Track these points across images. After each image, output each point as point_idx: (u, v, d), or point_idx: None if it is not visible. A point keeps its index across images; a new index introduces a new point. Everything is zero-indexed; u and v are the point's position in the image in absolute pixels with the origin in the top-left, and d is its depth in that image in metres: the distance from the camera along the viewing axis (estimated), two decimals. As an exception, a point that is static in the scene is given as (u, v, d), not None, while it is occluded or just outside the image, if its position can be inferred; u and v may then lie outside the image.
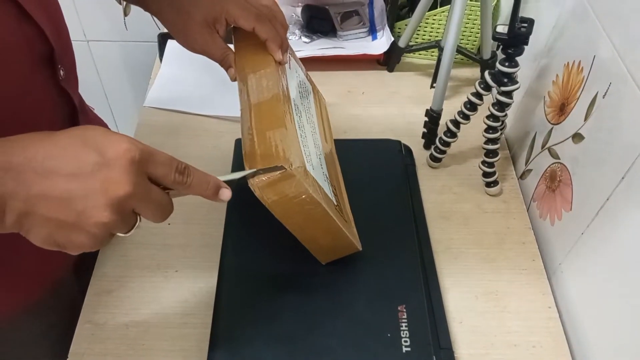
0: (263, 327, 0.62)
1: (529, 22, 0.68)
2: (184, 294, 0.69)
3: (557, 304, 0.70)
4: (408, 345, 0.61)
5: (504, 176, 0.84)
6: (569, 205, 0.69)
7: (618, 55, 0.59)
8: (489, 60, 0.93)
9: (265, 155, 0.54)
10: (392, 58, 1.00)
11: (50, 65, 0.53)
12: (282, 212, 0.55)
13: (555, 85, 0.75)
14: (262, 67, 0.62)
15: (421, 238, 0.73)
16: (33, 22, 0.49)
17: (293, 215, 0.56)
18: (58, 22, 0.55)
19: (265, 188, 0.53)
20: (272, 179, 0.52)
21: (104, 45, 1.20)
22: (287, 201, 0.54)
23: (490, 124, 0.76)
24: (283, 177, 0.53)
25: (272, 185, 0.53)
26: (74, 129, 0.40)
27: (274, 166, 0.52)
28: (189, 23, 0.60)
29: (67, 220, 0.37)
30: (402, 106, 0.95)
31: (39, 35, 0.50)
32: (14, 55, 0.48)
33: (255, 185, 0.52)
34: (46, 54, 0.52)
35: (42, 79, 0.53)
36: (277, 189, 0.53)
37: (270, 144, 0.55)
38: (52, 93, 0.55)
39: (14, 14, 0.47)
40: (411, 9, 1.01)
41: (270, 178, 0.52)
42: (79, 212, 0.37)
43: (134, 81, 1.29)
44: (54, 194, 0.37)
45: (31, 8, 0.48)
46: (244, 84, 0.62)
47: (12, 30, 0.47)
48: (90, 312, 0.67)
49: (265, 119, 0.57)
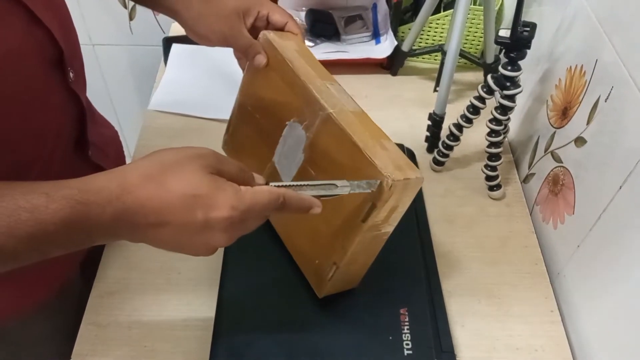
0: (265, 329, 0.63)
1: (532, 26, 0.68)
2: (186, 296, 0.69)
3: (559, 307, 0.70)
4: (410, 348, 0.61)
5: (507, 180, 0.84)
6: (571, 209, 0.69)
7: (620, 60, 0.59)
8: (492, 64, 0.93)
9: (398, 167, 0.51)
10: (396, 62, 1.00)
11: (60, 67, 0.54)
12: (385, 217, 0.53)
13: (558, 89, 0.75)
14: (329, 79, 0.60)
15: (424, 241, 0.73)
16: (43, 26, 0.49)
17: (375, 230, 0.54)
18: (67, 25, 0.56)
19: (399, 189, 0.50)
20: (408, 182, 0.51)
21: (110, 49, 1.21)
22: (393, 212, 0.53)
23: (493, 127, 0.76)
24: (417, 182, 0.52)
25: (403, 188, 0.51)
26: (184, 167, 0.43)
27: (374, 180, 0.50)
28: (218, 11, 0.61)
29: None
30: (405, 110, 0.95)
31: (49, 38, 0.51)
32: (25, 59, 0.48)
33: (392, 184, 0.49)
34: (56, 57, 0.53)
35: (52, 81, 0.54)
36: (400, 194, 0.51)
37: (391, 154, 0.53)
38: (62, 95, 0.56)
39: (24, 18, 0.47)
40: (414, 13, 1.01)
41: (408, 180, 0.50)
42: (187, 251, 0.45)
43: (138, 84, 1.30)
44: (165, 239, 0.43)
45: (41, 12, 0.48)
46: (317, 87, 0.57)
47: (22, 34, 0.47)
48: (93, 314, 0.68)
49: (373, 128, 0.56)
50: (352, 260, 0.57)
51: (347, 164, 0.53)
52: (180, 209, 0.41)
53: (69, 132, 0.61)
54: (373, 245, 0.58)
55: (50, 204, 0.38)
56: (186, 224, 0.42)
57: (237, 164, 0.46)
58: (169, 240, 0.43)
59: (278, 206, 0.45)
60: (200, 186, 0.42)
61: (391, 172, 0.50)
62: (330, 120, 0.55)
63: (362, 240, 0.54)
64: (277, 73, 0.61)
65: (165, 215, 0.41)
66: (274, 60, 0.62)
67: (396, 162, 0.52)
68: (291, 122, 0.60)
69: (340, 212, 0.55)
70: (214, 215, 0.42)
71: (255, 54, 0.62)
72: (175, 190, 0.41)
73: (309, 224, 0.60)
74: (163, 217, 0.41)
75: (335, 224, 0.56)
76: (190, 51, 1.03)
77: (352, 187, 0.50)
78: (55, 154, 0.58)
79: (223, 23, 0.61)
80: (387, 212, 0.53)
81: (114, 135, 0.80)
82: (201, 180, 0.42)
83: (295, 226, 0.64)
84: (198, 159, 0.43)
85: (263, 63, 0.62)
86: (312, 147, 0.58)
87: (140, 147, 0.88)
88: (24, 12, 0.47)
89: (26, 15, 0.47)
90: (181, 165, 0.42)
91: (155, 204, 0.41)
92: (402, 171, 0.51)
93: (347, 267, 0.57)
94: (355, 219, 0.53)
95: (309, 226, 0.61)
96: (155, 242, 0.43)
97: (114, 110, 1.37)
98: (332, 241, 0.57)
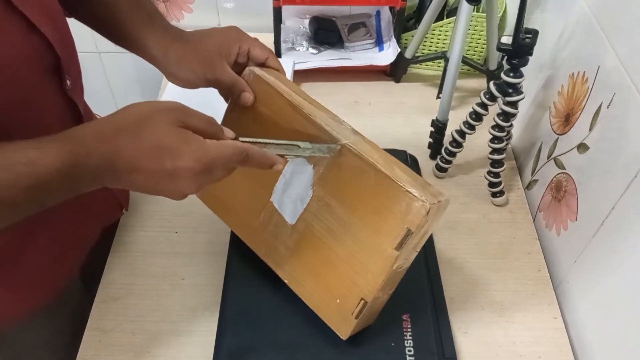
0: (267, 335, 0.63)
1: (534, 33, 0.68)
2: (190, 302, 0.70)
3: (562, 314, 0.69)
4: (412, 354, 0.61)
5: (510, 186, 0.84)
6: (574, 216, 0.69)
7: (622, 66, 0.59)
8: (495, 71, 0.93)
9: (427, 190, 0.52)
10: (399, 69, 1.00)
11: (57, 75, 0.54)
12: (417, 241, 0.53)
13: (561, 95, 0.75)
14: (327, 111, 0.60)
15: (426, 247, 0.73)
16: (40, 34, 0.50)
17: (404, 258, 0.54)
18: (64, 32, 0.56)
19: (433, 213, 0.51)
20: (440, 205, 0.51)
21: (115, 57, 1.22)
22: (423, 237, 0.53)
23: (496, 134, 0.76)
24: (446, 203, 0.52)
25: (437, 211, 0.51)
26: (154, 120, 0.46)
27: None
28: (198, 52, 0.60)
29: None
30: (408, 116, 0.96)
31: (46, 46, 0.51)
32: (23, 67, 0.49)
33: (430, 208, 0.50)
34: (53, 64, 0.53)
35: (49, 88, 0.54)
36: (434, 218, 0.51)
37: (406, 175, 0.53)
38: (59, 102, 0.56)
39: (21, 26, 0.48)
40: (417, 20, 1.01)
41: (440, 203, 0.51)
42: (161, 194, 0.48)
43: (143, 92, 1.31)
44: (139, 183, 0.47)
45: (38, 20, 0.49)
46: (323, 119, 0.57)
47: (20, 42, 0.48)
48: (97, 319, 0.68)
49: (385, 154, 0.56)
50: (380, 293, 0.56)
51: (370, 193, 0.53)
52: (151, 157, 0.45)
53: None
54: (399, 275, 0.57)
55: (45, 156, 0.42)
56: (156, 171, 0.46)
57: (205, 117, 0.49)
58: (143, 184, 0.47)
59: (241, 160, 0.49)
60: (167, 138, 0.46)
61: (426, 197, 0.50)
62: (348, 151, 0.55)
63: (394, 270, 0.54)
64: (268, 108, 0.60)
65: (137, 162, 0.45)
66: (264, 95, 0.60)
67: (424, 186, 0.52)
68: (293, 158, 0.59)
69: (362, 244, 0.55)
70: (180, 165, 0.46)
71: (241, 92, 0.60)
72: (146, 141, 0.45)
73: (322, 261, 0.58)
74: (136, 163, 0.45)
75: (358, 258, 0.55)
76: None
77: (313, 149, 0.53)
78: None
79: (204, 64, 0.60)
80: (420, 237, 0.53)
81: None
82: (168, 133, 0.46)
83: (301, 268, 0.61)
84: (168, 112, 0.47)
85: (251, 100, 0.60)
86: (324, 181, 0.57)
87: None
88: (21, 20, 0.47)
89: (23, 23, 0.48)
90: (151, 118, 0.46)
91: (129, 152, 0.45)
92: (433, 195, 0.51)
93: (374, 302, 0.56)
94: (384, 249, 0.53)
95: (320, 264, 0.59)
96: (132, 186, 0.47)
97: (120, 117, 1.38)
98: (354, 276, 0.56)
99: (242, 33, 0.63)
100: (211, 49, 0.60)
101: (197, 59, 0.60)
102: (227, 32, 0.62)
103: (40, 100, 0.53)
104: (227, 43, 0.61)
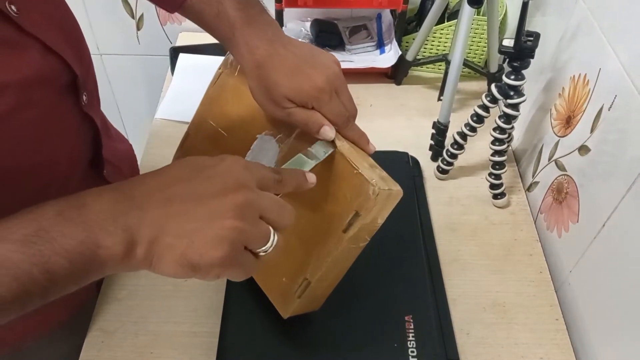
0: (271, 336, 0.63)
1: (535, 36, 0.69)
2: (193, 303, 0.70)
3: (564, 316, 0.70)
4: (415, 355, 0.61)
5: (512, 188, 0.85)
6: (575, 217, 0.69)
7: (623, 69, 0.60)
8: (496, 73, 0.93)
9: (382, 178, 0.52)
10: (400, 71, 1.01)
11: (73, 92, 0.54)
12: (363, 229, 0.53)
13: (562, 98, 0.75)
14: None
15: (428, 249, 0.73)
16: (57, 55, 0.49)
17: (352, 242, 0.54)
18: (80, 48, 0.56)
19: (382, 198, 0.51)
20: (391, 193, 0.51)
21: (117, 59, 1.22)
22: (372, 224, 0.53)
23: (497, 136, 0.77)
24: (398, 194, 0.52)
25: (386, 198, 0.51)
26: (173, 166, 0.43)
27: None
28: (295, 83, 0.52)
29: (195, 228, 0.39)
30: (410, 118, 0.96)
31: (63, 66, 0.51)
32: (40, 87, 0.48)
33: (378, 193, 0.50)
34: (69, 82, 0.53)
35: (65, 106, 0.54)
36: (383, 205, 0.52)
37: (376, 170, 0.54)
38: (76, 118, 0.56)
39: (38, 49, 0.47)
40: (419, 23, 1.02)
41: (391, 191, 0.51)
42: (205, 218, 0.39)
43: (146, 94, 1.31)
44: (179, 210, 0.39)
45: (54, 42, 0.48)
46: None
47: (37, 64, 0.47)
48: (100, 320, 0.68)
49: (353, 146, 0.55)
50: (324, 275, 0.56)
51: (329, 174, 0.54)
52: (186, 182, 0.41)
53: (83, 154, 0.61)
54: (347, 259, 0.58)
55: (68, 265, 0.37)
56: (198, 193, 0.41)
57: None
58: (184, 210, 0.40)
59: (277, 179, 0.45)
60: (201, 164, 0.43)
61: (377, 181, 0.51)
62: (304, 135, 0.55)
63: (340, 252, 0.54)
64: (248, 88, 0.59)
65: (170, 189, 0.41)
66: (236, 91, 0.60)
67: (380, 174, 0.53)
68: (262, 135, 0.59)
69: (314, 225, 0.55)
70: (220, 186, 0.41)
71: (319, 127, 0.52)
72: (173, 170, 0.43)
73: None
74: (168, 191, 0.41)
75: (308, 238, 0.55)
76: (197, 61, 1.04)
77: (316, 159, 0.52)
78: (70, 176, 0.58)
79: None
80: (368, 221, 0.53)
81: (128, 149, 0.79)
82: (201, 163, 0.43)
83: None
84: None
85: (332, 134, 0.53)
86: (285, 159, 0.55)
87: (148, 155, 0.89)
88: (37, 43, 0.47)
89: (39, 46, 0.47)
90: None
91: (156, 181, 0.41)
92: (386, 182, 0.52)
93: (318, 284, 0.56)
94: (333, 230, 0.53)
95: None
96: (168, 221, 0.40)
97: (122, 118, 1.39)
98: (303, 257, 0.55)
99: (341, 78, 0.54)
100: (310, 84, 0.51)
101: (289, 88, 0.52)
102: (330, 74, 0.53)
103: (56, 117, 0.52)
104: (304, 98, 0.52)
